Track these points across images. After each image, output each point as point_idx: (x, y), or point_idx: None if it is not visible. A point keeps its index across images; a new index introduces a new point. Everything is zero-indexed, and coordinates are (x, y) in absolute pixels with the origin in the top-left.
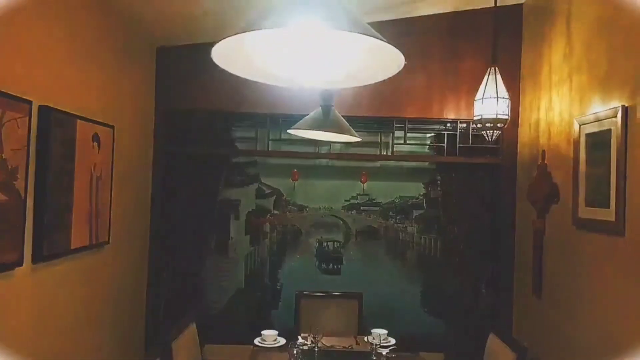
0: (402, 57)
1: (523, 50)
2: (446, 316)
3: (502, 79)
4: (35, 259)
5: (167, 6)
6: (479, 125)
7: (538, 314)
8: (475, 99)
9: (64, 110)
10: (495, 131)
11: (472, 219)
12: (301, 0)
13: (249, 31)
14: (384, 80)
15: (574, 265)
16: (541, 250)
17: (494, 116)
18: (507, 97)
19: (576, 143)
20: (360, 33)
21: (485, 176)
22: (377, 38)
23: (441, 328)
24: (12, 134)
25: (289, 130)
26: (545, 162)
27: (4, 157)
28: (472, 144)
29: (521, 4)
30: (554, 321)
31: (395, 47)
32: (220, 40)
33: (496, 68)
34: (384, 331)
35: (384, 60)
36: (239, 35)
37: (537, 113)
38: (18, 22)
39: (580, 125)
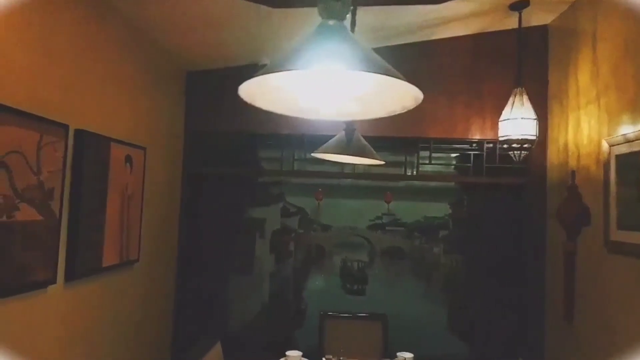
0: (420, 93)
1: (550, 71)
2: (473, 340)
3: (529, 99)
4: (68, 277)
5: (195, 34)
6: (505, 146)
7: (569, 341)
8: (501, 119)
9: (98, 133)
10: (522, 151)
11: (499, 240)
12: (320, 40)
13: (273, 73)
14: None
15: (607, 290)
16: (572, 273)
17: (521, 137)
18: (535, 117)
19: (606, 164)
20: (377, 73)
21: (512, 197)
22: (394, 77)
23: (468, 352)
24: (49, 157)
25: (313, 154)
26: (576, 183)
27: (41, 179)
28: (498, 164)
29: (546, 25)
30: (586, 349)
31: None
32: (247, 80)
33: (523, 89)
34: (410, 355)
35: (402, 95)
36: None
37: (566, 134)
38: (55, 51)
39: (610, 147)
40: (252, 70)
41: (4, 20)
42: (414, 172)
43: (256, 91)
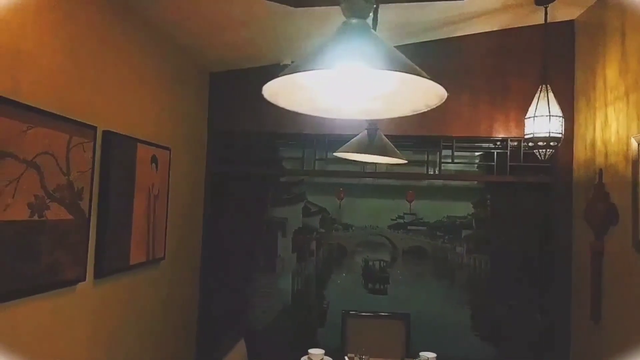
0: (444, 91)
1: (576, 67)
2: (498, 341)
3: (554, 96)
4: (97, 275)
5: (218, 35)
6: (530, 144)
7: (596, 342)
8: (526, 117)
9: (125, 134)
10: (548, 150)
11: (523, 239)
12: (344, 39)
13: (297, 73)
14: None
15: (635, 290)
16: (600, 273)
17: (547, 135)
18: (561, 115)
19: (635, 162)
20: (401, 71)
21: (537, 196)
22: (417, 75)
23: (492, 353)
24: (78, 158)
25: (335, 153)
26: (603, 181)
27: (70, 179)
28: (523, 162)
29: (573, 20)
30: (614, 349)
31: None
32: (270, 81)
33: (548, 86)
34: (433, 354)
35: (425, 93)
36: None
37: (593, 131)
38: (82, 54)
39: (638, 144)
40: (275, 70)
41: (34, 27)
42: (437, 171)
43: (279, 91)
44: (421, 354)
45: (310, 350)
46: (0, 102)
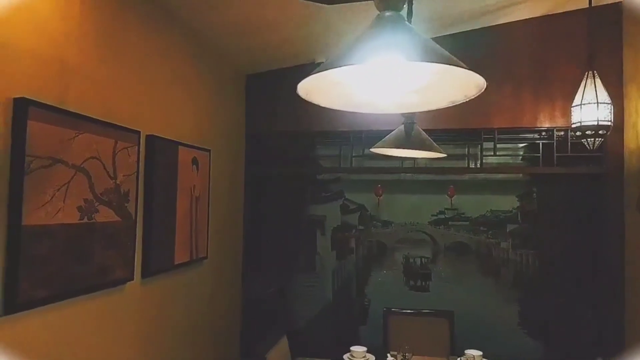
0: (483, 80)
1: (624, 52)
2: (547, 338)
3: (602, 83)
4: (144, 274)
5: (253, 37)
6: (578, 133)
7: None
8: (573, 105)
9: (167, 137)
10: (597, 139)
11: (573, 233)
12: (378, 32)
13: (331, 69)
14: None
15: None
16: None
17: (595, 123)
18: (609, 102)
19: None
20: (437, 62)
21: (587, 187)
22: (455, 65)
23: (542, 351)
24: (123, 161)
25: (371, 150)
26: None
27: (117, 183)
28: (571, 153)
29: (619, 3)
30: None
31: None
32: (305, 77)
33: (594, 72)
34: (479, 352)
35: (463, 83)
36: (322, 72)
37: None
38: (125, 62)
39: None
40: (309, 69)
41: (78, 37)
42: (478, 165)
43: (314, 89)
44: (466, 352)
45: (353, 348)
46: (49, 111)
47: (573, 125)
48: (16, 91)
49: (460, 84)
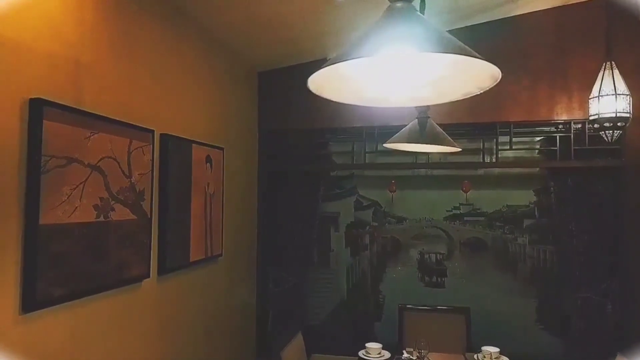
0: (498, 71)
1: None
2: (565, 334)
3: (620, 73)
4: (160, 272)
5: (265, 34)
6: (596, 126)
7: None
8: (590, 97)
9: (180, 136)
10: (615, 131)
11: (592, 227)
12: (389, 24)
13: (341, 62)
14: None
15: None
16: None
17: (613, 115)
18: (628, 93)
19: None
20: (450, 52)
21: (605, 180)
22: (468, 55)
23: (561, 347)
24: (138, 160)
25: (385, 145)
26: None
27: (132, 181)
28: (588, 146)
29: None
30: None
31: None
32: (315, 72)
33: (612, 62)
34: (496, 349)
35: (477, 75)
36: (333, 65)
37: None
38: (139, 61)
39: None
40: (321, 65)
41: (92, 38)
42: (494, 159)
43: (325, 83)
44: (483, 348)
45: (368, 344)
46: (64, 111)
47: (591, 118)
48: (32, 92)
49: (474, 76)
